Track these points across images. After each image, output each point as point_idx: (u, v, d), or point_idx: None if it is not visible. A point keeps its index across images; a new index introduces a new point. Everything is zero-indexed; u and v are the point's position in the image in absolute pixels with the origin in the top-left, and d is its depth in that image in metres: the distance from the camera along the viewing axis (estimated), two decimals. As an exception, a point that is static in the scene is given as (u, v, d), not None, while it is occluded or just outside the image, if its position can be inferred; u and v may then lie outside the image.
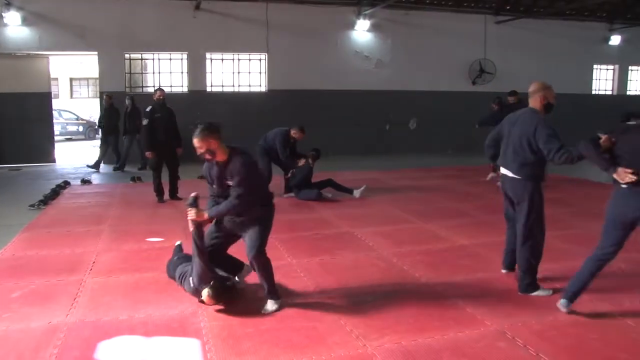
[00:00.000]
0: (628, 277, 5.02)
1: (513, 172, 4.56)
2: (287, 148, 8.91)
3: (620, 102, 16.81)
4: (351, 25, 14.92)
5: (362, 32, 15.05)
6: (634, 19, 17.75)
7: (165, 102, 8.63)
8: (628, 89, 18.59)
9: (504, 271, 5.12)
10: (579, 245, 5.81)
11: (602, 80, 18.35)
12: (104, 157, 12.66)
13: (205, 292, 4.09)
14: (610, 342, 3.76)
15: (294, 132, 8.94)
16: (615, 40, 17.74)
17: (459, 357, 3.51)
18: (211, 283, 4.14)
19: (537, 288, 4.64)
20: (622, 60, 18.20)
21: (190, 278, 4.30)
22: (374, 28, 15.08)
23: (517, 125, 4.56)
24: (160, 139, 8.42)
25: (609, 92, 18.23)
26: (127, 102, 12.35)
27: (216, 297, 4.12)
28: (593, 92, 18.06)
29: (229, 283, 4.39)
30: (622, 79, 18.35)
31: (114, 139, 12.44)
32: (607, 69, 18.39)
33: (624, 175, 3.77)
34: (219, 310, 4.18)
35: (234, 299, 4.33)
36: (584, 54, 17.47)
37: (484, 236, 6.55)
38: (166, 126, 8.50)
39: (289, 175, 9.02)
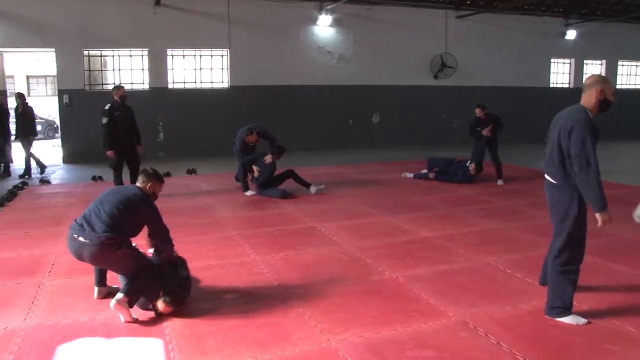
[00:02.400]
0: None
1: (551, 177, 4.00)
2: (244, 152, 9.05)
3: (576, 95, 17.00)
4: (313, 21, 14.91)
5: (324, 27, 15.06)
6: (589, 14, 18.22)
7: (125, 100, 8.49)
8: (583, 82, 18.97)
9: (540, 284, 4.59)
10: (540, 236, 5.94)
11: (560, 74, 18.79)
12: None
13: (161, 302, 4.04)
14: (568, 328, 3.86)
15: (248, 138, 9.04)
16: (571, 34, 18.17)
17: (422, 348, 3.55)
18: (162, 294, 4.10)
19: (568, 313, 3.99)
20: (578, 54, 18.66)
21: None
22: (336, 23, 15.11)
23: (557, 123, 3.98)
24: (120, 138, 8.30)
25: (566, 85, 18.67)
26: (17, 101, 11.21)
27: (173, 303, 4.07)
28: (551, 85, 18.50)
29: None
30: (578, 73, 18.79)
31: (1, 141, 11.07)
32: (564, 63, 18.82)
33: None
34: (181, 309, 4.13)
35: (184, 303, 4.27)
36: (542, 48, 17.84)
37: (447, 228, 6.64)
38: (126, 124, 8.38)
39: (253, 174, 8.97)
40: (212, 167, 11.71)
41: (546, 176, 4.08)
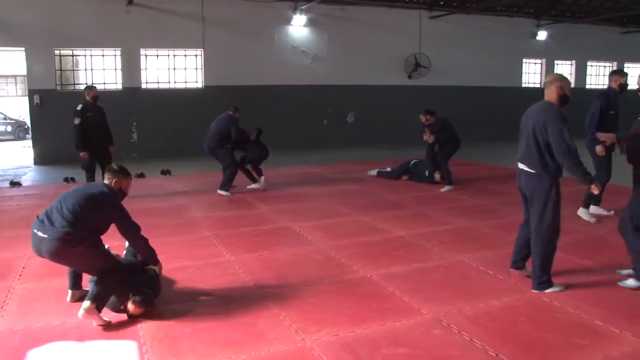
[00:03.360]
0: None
1: (528, 167, 4.41)
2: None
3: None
4: (288, 21, 14.91)
5: (298, 27, 15.06)
6: (559, 16, 18.56)
7: (97, 100, 8.40)
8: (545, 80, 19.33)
9: (511, 270, 4.88)
10: (511, 234, 6.00)
11: (531, 74, 19.08)
12: None
13: (130, 303, 4.01)
14: (538, 323, 3.93)
15: (234, 114, 9.14)
16: (542, 35, 18.48)
17: (397, 346, 3.58)
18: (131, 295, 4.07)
19: (552, 284, 4.51)
20: (549, 55, 18.99)
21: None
22: (310, 23, 15.13)
23: (529, 117, 4.42)
24: (93, 138, 8.20)
25: (538, 85, 18.95)
26: None
27: (142, 304, 4.04)
28: (523, 85, 18.79)
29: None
30: (549, 73, 19.07)
31: None
32: (536, 63, 19.13)
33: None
34: (155, 311, 4.11)
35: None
36: (514, 49, 18.11)
37: (420, 227, 6.70)
38: (99, 125, 8.29)
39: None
40: (187, 168, 11.64)
41: (523, 167, 4.46)
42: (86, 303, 3.85)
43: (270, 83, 14.72)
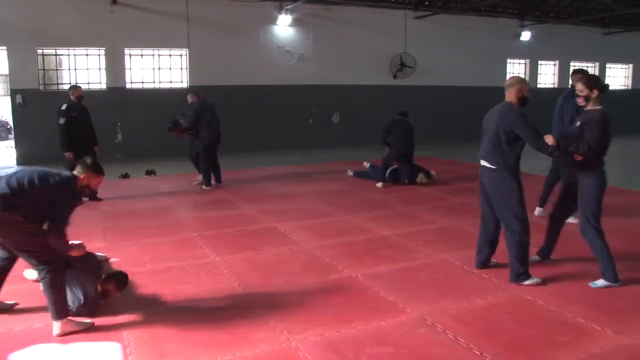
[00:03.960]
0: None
1: (490, 163, 4.67)
2: None
3: (533, 94, 17.58)
4: (273, 20, 14.89)
5: (284, 27, 15.05)
6: (542, 16, 18.73)
7: (81, 100, 8.35)
8: (538, 82, 19.59)
9: (478, 267, 5.09)
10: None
11: (515, 74, 19.18)
12: None
13: (105, 282, 4.01)
14: (522, 321, 3.97)
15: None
16: (526, 36, 18.65)
17: (382, 345, 3.60)
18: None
19: (529, 277, 4.68)
20: (532, 55, 19.15)
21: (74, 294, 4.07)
22: (295, 23, 15.12)
23: (493, 117, 4.69)
24: (77, 138, 8.16)
25: (522, 85, 19.10)
26: None
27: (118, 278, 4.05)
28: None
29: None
30: (533, 73, 19.30)
31: None
32: (519, 63, 19.28)
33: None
34: (140, 312, 4.10)
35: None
36: (498, 49, 18.25)
37: (405, 226, 6.73)
38: (83, 125, 8.25)
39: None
40: (172, 168, 11.58)
41: (485, 163, 4.73)
42: (55, 326, 3.73)
43: (256, 83, 14.70)
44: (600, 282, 4.66)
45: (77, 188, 3.96)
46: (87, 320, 3.90)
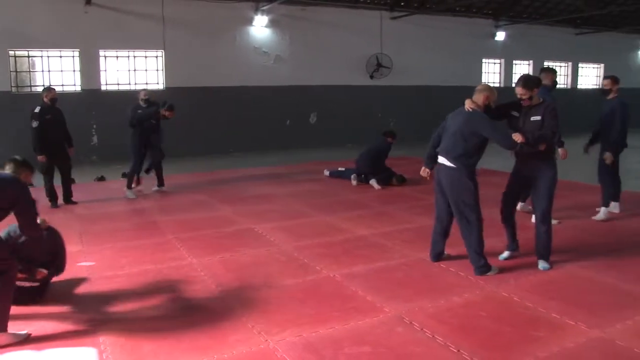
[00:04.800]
0: (513, 259, 5.39)
1: (451, 162, 4.88)
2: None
3: (507, 93, 17.71)
4: (249, 21, 14.84)
5: (260, 28, 15.01)
6: (516, 17, 18.97)
7: (55, 103, 8.25)
8: (513, 81, 19.73)
9: (433, 260, 5.33)
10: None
11: (491, 74, 19.44)
12: None
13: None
14: (498, 318, 4.03)
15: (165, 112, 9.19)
16: (501, 36, 18.87)
17: (360, 344, 3.62)
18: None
19: (490, 268, 4.95)
20: (507, 55, 19.38)
21: None
22: (272, 24, 15.09)
23: (457, 118, 4.96)
24: (51, 141, 8.05)
25: (497, 84, 19.32)
26: None
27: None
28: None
29: None
30: (508, 72, 19.53)
31: None
32: (495, 63, 19.50)
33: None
34: (117, 315, 4.06)
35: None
36: (473, 49, 18.43)
37: (383, 226, 6.77)
38: (57, 127, 8.14)
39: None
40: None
41: (445, 162, 4.95)
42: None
43: (232, 84, 14.64)
44: (545, 264, 5.07)
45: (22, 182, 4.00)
46: (23, 332, 3.76)
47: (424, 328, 3.85)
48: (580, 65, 21.51)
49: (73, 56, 13.16)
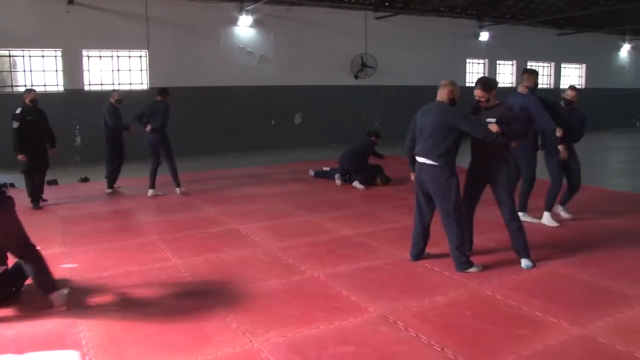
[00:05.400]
0: (495, 255, 5.43)
1: (432, 160, 4.93)
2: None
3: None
4: (234, 21, 14.81)
5: (245, 28, 14.98)
6: (500, 17, 19.12)
7: (36, 103, 8.21)
8: (497, 81, 19.92)
9: (413, 259, 5.36)
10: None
11: (475, 74, 19.56)
12: None
13: None
14: (482, 316, 4.05)
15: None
16: (484, 36, 19.02)
17: (344, 344, 3.62)
18: None
19: (472, 265, 5.02)
20: (491, 55, 19.54)
21: None
22: (256, 24, 15.07)
23: (429, 117, 5.01)
24: (32, 142, 8.00)
25: (481, 84, 19.43)
26: None
27: None
28: (467, 85, 19.24)
29: None
30: (491, 72, 19.66)
31: None
32: (479, 63, 19.64)
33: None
34: (100, 317, 4.03)
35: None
36: (457, 49, 18.55)
37: (368, 226, 6.78)
38: (39, 128, 8.11)
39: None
40: (132, 171, 11.38)
41: (424, 160, 4.99)
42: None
43: (217, 84, 14.60)
44: (528, 262, 5.13)
45: None
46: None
47: (408, 327, 3.86)
48: (562, 65, 21.73)
49: (55, 56, 13.05)
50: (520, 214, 7.02)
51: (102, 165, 11.59)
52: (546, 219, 6.74)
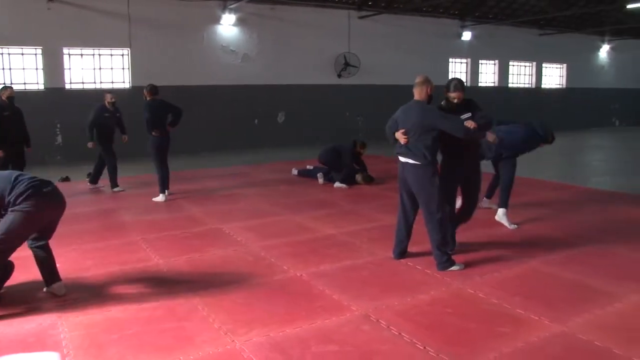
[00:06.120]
0: (477, 253, 5.47)
1: (415, 159, 4.96)
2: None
3: (473, 92, 18.09)
4: (217, 20, 14.74)
5: (228, 27, 14.92)
6: (482, 17, 19.25)
7: (13, 101, 8.19)
8: (480, 80, 20.13)
9: (397, 258, 5.38)
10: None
11: (458, 73, 19.67)
12: None
13: None
14: (464, 314, 4.08)
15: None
16: (467, 36, 19.15)
17: (326, 343, 3.62)
18: None
19: (453, 263, 5.05)
20: (473, 55, 19.67)
21: None
22: (240, 22, 15.02)
23: (410, 116, 5.04)
24: (8, 138, 8.00)
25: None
26: None
27: None
28: (455, 78, 19.37)
29: None
30: (474, 72, 19.82)
31: None
32: (461, 62, 19.75)
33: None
34: (81, 318, 3.99)
35: None
36: (440, 48, 18.66)
37: (350, 225, 6.79)
38: (15, 125, 8.11)
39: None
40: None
41: (407, 160, 5.02)
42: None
43: (200, 83, 14.52)
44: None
45: None
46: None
47: (391, 326, 3.87)
48: (544, 65, 21.95)
49: (35, 54, 12.88)
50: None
51: (83, 165, 11.53)
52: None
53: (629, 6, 16.65)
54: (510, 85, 20.99)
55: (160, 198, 8.36)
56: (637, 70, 24.31)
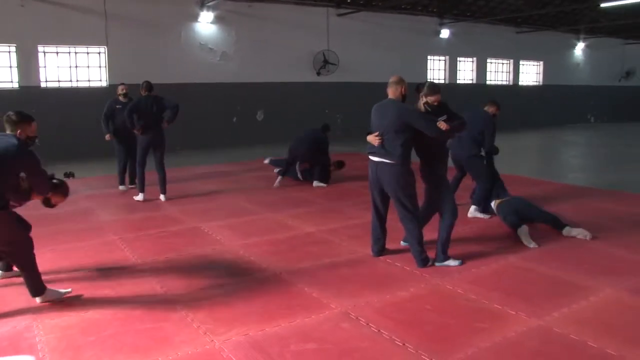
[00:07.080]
0: (455, 249, 5.46)
1: (390, 159, 4.95)
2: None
3: (452, 89, 18.30)
4: (194, 17, 14.63)
5: (206, 24, 14.81)
6: (460, 15, 19.39)
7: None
8: (458, 77, 20.27)
9: (376, 255, 5.40)
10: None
11: (436, 70, 19.81)
12: None
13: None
14: (443, 310, 4.11)
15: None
16: (445, 33, 19.26)
17: (306, 341, 3.62)
18: None
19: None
20: (451, 52, 19.80)
21: None
22: (218, 20, 14.92)
23: (385, 115, 5.02)
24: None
25: (442, 81, 19.68)
26: None
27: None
28: (428, 81, 19.47)
29: None
30: (452, 69, 19.95)
31: None
32: (440, 60, 19.86)
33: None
34: (56, 320, 3.94)
35: None
36: (419, 46, 18.75)
37: (330, 222, 6.80)
38: None
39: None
40: (92, 170, 11.19)
41: (380, 159, 5.01)
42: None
43: (178, 81, 14.38)
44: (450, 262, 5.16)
45: (24, 143, 4.21)
46: (63, 290, 4.35)
47: (370, 323, 3.88)
48: (521, 62, 22.18)
49: (9, 51, 12.66)
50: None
51: (60, 164, 11.39)
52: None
53: (603, 5, 16.89)
54: (488, 82, 21.17)
55: (139, 197, 8.29)
56: (612, 67, 24.72)
